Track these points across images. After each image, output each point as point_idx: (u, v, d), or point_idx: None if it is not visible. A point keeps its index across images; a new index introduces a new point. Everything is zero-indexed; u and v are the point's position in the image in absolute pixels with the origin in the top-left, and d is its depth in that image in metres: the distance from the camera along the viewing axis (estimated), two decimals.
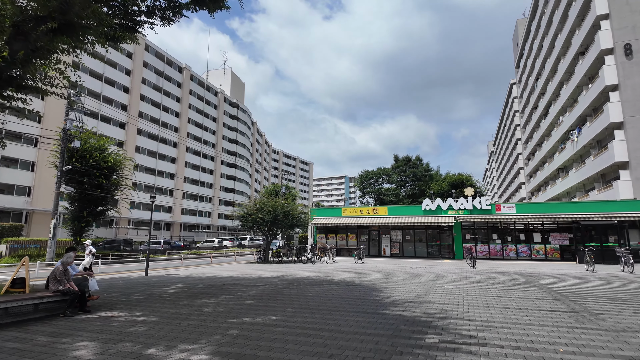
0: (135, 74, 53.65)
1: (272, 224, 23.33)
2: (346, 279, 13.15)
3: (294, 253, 25.18)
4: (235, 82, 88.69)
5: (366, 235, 29.05)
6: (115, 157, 30.18)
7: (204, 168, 68.67)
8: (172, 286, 11.67)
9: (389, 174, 60.63)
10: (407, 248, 27.81)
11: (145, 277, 14.90)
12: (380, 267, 19.00)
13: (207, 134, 70.46)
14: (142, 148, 54.91)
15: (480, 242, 26.51)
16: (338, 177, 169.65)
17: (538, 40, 46.35)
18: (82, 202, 28.82)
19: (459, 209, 26.49)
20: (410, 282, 12.40)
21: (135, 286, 11.71)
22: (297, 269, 18.29)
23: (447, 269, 17.45)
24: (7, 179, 37.11)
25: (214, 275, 15.18)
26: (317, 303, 8.38)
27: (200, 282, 12.87)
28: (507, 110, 76.97)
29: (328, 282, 12.45)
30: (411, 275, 14.72)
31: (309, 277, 14.21)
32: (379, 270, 16.68)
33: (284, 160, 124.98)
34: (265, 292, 10.07)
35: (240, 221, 24.65)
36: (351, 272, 16.20)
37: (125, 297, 9.47)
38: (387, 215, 28.11)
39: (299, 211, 24.30)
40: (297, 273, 15.88)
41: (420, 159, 61.69)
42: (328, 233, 30.01)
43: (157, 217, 57.24)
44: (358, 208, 29.43)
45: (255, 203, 24.20)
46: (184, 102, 64.02)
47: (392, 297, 9.25)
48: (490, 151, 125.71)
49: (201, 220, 67.37)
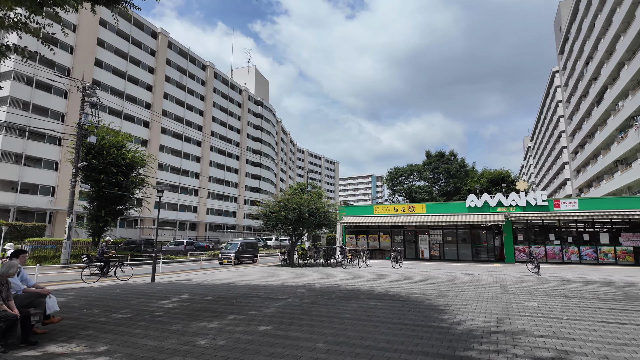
0: (158, 72, 52.87)
1: (296, 222, 20.95)
2: (389, 291, 10.52)
3: (322, 255, 22.73)
4: (260, 80, 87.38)
5: (401, 236, 26.19)
6: (134, 154, 28.80)
7: (228, 167, 67.49)
8: (175, 298, 9.44)
9: (420, 171, 57.14)
10: (448, 250, 24.76)
11: (151, 283, 12.82)
12: (423, 272, 16.20)
13: (232, 132, 69.28)
14: (166, 147, 54.10)
15: (534, 243, 23.14)
16: (364, 176, 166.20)
17: (589, 19, 41.79)
18: (100, 201, 27.54)
19: (510, 206, 23.19)
20: (473, 295, 9.64)
21: (130, 297, 9.56)
22: (326, 274, 15.80)
23: (507, 276, 14.45)
24: (31, 178, 36.68)
25: (230, 282, 12.92)
26: (359, 334, 5.83)
27: (211, 291, 10.60)
28: (548, 102, 71.55)
29: (367, 294, 9.87)
30: (468, 284, 11.90)
31: (341, 286, 11.68)
32: (424, 278, 13.91)
33: (309, 159, 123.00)
34: (287, 311, 7.62)
35: (262, 220, 22.50)
36: (391, 279, 13.53)
37: (105, 315, 7.26)
38: (425, 213, 25.16)
39: (325, 209, 21.78)
40: (326, 280, 13.38)
41: (454, 154, 57.84)
42: (358, 233, 27.36)
43: (183, 217, 56.34)
44: (392, 206, 26.62)
45: (278, 200, 21.90)
46: (208, 101, 62.98)
47: (463, 322, 6.58)
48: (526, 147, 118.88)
49: (226, 220, 66.17)
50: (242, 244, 25.54)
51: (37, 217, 37.73)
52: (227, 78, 70.01)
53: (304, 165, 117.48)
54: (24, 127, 35.54)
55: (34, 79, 36.81)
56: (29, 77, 36.57)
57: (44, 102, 37.78)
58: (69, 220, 24.18)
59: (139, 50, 50.15)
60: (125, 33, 48.13)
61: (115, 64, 46.23)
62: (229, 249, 25.38)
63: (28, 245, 24.60)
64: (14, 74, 35.61)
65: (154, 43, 53.05)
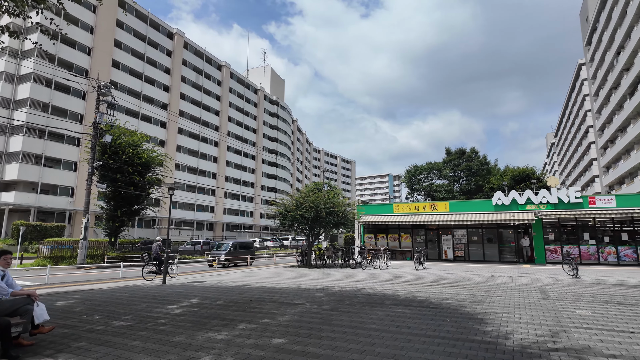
0: (174, 72, 53.00)
1: (313, 222, 20.13)
2: (416, 295, 9.58)
3: (340, 256, 21.86)
4: (275, 79, 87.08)
5: (422, 236, 25.06)
6: (150, 154, 28.59)
7: (245, 167, 67.34)
8: (184, 302, 8.75)
9: (440, 169, 55.58)
10: (473, 250, 23.51)
11: (162, 285, 12.23)
12: (449, 274, 15.14)
13: (248, 132, 69.11)
14: (183, 147, 54.20)
15: (567, 243, 21.67)
16: (381, 175, 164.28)
17: (620, 6, 39.56)
18: (117, 201, 27.40)
19: (540, 203, 21.79)
20: (513, 301, 8.60)
21: (137, 301, 8.92)
22: (345, 276, 14.93)
23: (543, 279, 13.26)
24: (50, 179, 37.06)
25: (244, 284, 12.20)
26: (390, 350, 4.95)
27: (223, 295, 9.89)
28: (574, 96, 68.67)
29: (392, 300, 8.96)
30: (502, 288, 10.83)
31: (363, 289, 10.79)
32: (452, 281, 12.87)
33: (325, 159, 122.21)
34: (305, 319, 6.79)
35: (278, 220, 21.78)
36: (416, 282, 12.55)
37: (105, 323, 6.59)
38: (448, 211, 23.97)
39: (343, 207, 20.87)
40: (346, 283, 12.50)
41: (475, 151, 56.07)
42: (377, 233, 26.35)
43: (200, 217, 56.38)
44: (413, 204, 25.51)
45: (295, 199, 21.12)
46: (224, 101, 62.93)
47: (510, 335, 5.61)
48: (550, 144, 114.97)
49: (243, 220, 66.01)
50: (234, 245, 23.34)
51: (57, 218, 38.13)
52: (243, 78, 69.88)
53: (320, 165, 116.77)
54: (44, 129, 35.92)
55: (52, 80, 37.20)
56: (48, 78, 36.97)
57: (63, 104, 38.14)
58: (85, 220, 24.01)
59: (155, 50, 50.35)
60: (142, 34, 48.36)
61: (132, 65, 46.47)
62: (220, 249, 23.10)
63: (47, 246, 24.55)
64: (34, 76, 36.04)
65: (170, 44, 53.22)
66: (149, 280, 13.77)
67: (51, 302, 8.80)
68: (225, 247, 22.97)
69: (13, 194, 34.51)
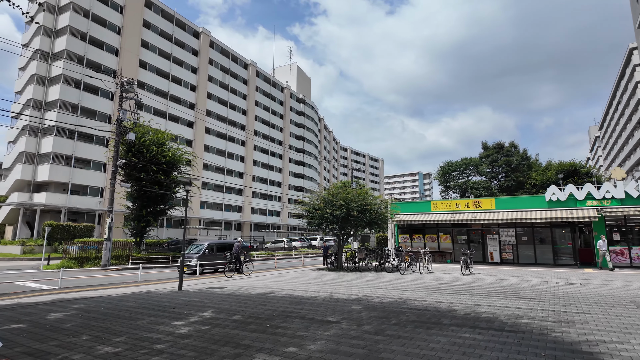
0: (201, 72, 52.73)
1: (344, 221, 18.36)
2: (478, 311, 7.70)
3: (373, 258, 20.05)
4: (301, 77, 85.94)
5: (464, 236, 22.81)
6: (175, 152, 27.85)
7: (272, 166, 66.51)
8: (194, 317, 7.30)
9: (476, 165, 52.39)
10: (523, 252, 21.06)
11: (177, 292, 10.91)
12: (505, 281, 13.03)
13: (275, 131, 68.25)
14: (210, 147, 53.88)
15: (633, 244, 18.88)
16: (410, 173, 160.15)
17: None
18: (142, 200, 26.77)
19: (604, 199, 19.09)
20: (610, 321, 6.57)
21: (141, 314, 7.57)
22: (382, 282, 13.14)
23: (625, 288, 10.94)
24: (80, 180, 37.28)
25: (268, 292, 10.70)
26: None
27: (242, 306, 8.39)
28: (623, 84, 63.24)
29: (450, 317, 7.13)
30: (583, 301, 8.72)
31: (408, 301, 9.00)
32: (513, 290, 10.82)
33: (352, 157, 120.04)
34: (343, 349, 5.12)
35: (306, 219, 20.15)
36: (469, 291, 10.61)
37: (88, 348, 5.19)
38: (494, 209, 21.63)
39: (378, 204, 19.00)
40: (385, 292, 10.74)
41: (515, 145, 52.50)
42: (413, 233, 24.31)
43: (228, 217, 55.94)
44: (453, 201, 23.28)
45: (323, 195, 19.47)
46: (251, 100, 62.30)
47: None
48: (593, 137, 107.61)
49: (271, 220, 65.17)
50: (210, 246, 18.93)
51: (87, 218, 38.36)
52: (269, 76, 69.09)
53: (347, 164, 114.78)
54: (73, 129, 36.14)
55: (81, 81, 37.42)
56: (77, 80, 37.21)
57: (92, 105, 38.32)
58: (109, 220, 23.39)
59: (182, 50, 50.19)
60: (168, 34, 48.28)
61: (159, 65, 46.41)
62: (192, 251, 18.96)
63: (76, 246, 24.15)
64: (63, 78, 36.33)
65: (196, 43, 52.99)
66: (229, 277, 15.24)
67: (46, 314, 7.60)
68: (199, 249, 18.73)
69: (45, 194, 34.86)
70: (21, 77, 39.97)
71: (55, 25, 38.12)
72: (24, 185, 36.24)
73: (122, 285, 13.07)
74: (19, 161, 36.23)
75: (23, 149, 35.55)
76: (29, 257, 28.07)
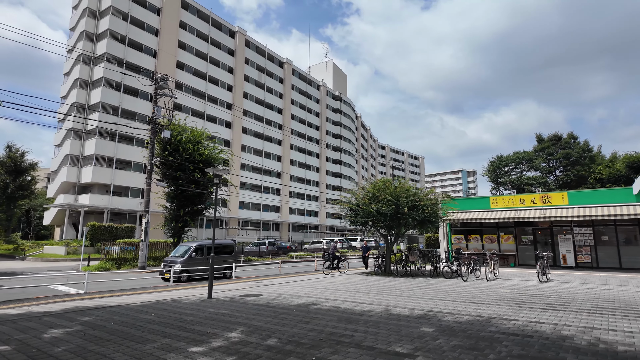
0: (237, 71, 52.38)
1: (392, 219, 16.19)
2: (608, 342, 5.48)
3: (426, 261, 17.81)
4: (337, 74, 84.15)
5: (530, 236, 19.96)
6: (211, 150, 27.06)
7: (309, 165, 65.21)
8: (217, 339, 5.68)
9: (530, 159, 48.10)
10: (604, 254, 17.97)
11: (205, 301, 9.43)
12: (599, 291, 10.46)
13: (311, 129, 66.94)
14: (248, 147, 53.40)
15: None
16: (453, 171, 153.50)
17: None
18: (179, 200, 26.10)
19: None
20: None
21: (155, 333, 6.06)
22: (446, 291, 11.01)
23: None
24: (121, 181, 37.69)
25: (309, 303, 8.96)
26: None
27: (279, 324, 6.70)
28: None
29: (571, 350, 4.99)
30: None
31: (492, 320, 6.90)
32: (626, 303, 8.35)
33: (391, 155, 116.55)
34: None
35: (348, 217, 18.07)
36: (565, 305, 8.29)
37: None
38: (566, 204, 18.66)
39: (432, 200, 16.73)
40: (456, 305, 8.65)
41: (574, 137, 47.69)
42: (469, 233, 21.74)
43: (266, 217, 55.22)
44: (517, 196, 20.47)
45: (368, 190, 17.48)
46: (287, 98, 61.38)
47: None
48: None
49: (309, 220, 63.85)
50: (198, 249, 15.97)
51: (129, 219, 38.73)
52: (305, 74, 67.92)
53: (385, 162, 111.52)
54: (114, 132, 36.57)
55: (122, 84, 37.85)
56: (117, 82, 37.68)
57: (131, 106, 38.69)
58: (145, 220, 22.80)
59: (218, 50, 50.03)
60: (204, 34, 48.23)
61: (196, 66, 46.40)
62: (176, 255, 16.26)
63: (116, 247, 23.85)
64: (104, 80, 36.87)
65: (232, 42, 52.72)
66: (327, 275, 16.17)
67: (45, 330, 6.30)
68: (184, 252, 15.95)
69: (88, 196, 35.45)
70: (66, 81, 41.21)
71: (96, 29, 38.87)
72: (69, 187, 37.13)
73: (149, 290, 11.88)
74: (64, 164, 37.17)
75: (68, 152, 36.40)
76: (72, 258, 28.30)
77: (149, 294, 10.93)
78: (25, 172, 40.99)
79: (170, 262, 15.32)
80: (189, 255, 15.57)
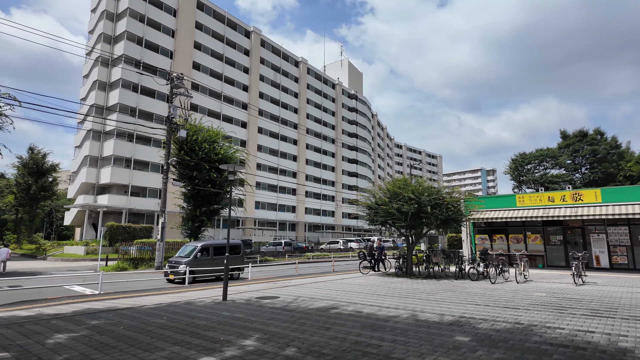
0: (253, 71, 52.30)
1: (413, 218, 15.48)
2: None
3: (449, 262, 17.03)
4: (353, 73, 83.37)
5: (559, 236, 18.91)
6: (227, 150, 26.89)
7: (324, 165, 64.68)
8: (231, 347, 5.19)
9: (555, 156, 46.35)
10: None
11: (221, 302, 9.01)
12: None
13: (327, 129, 66.41)
14: (263, 147, 53.26)
15: None
16: (472, 170, 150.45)
17: None
18: (196, 200, 26.02)
19: None
20: None
21: (164, 339, 5.62)
22: (475, 294, 10.30)
23: None
24: (139, 181, 37.95)
25: (329, 306, 8.42)
26: None
27: (298, 330, 6.18)
28: None
29: None
30: None
31: (533, 327, 6.21)
32: None
33: (408, 154, 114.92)
34: None
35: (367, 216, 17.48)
36: (611, 311, 7.50)
37: None
38: (599, 202, 17.58)
39: (456, 197, 15.95)
40: (490, 310, 7.96)
41: (601, 133, 45.72)
42: (493, 233, 20.80)
43: (282, 217, 54.97)
44: (545, 194, 19.41)
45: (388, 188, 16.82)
46: (302, 98, 61.02)
47: None
48: None
49: (325, 220, 63.31)
50: (204, 248, 15.41)
51: (147, 219, 38.99)
52: (320, 73, 67.45)
53: (402, 161, 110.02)
54: (132, 133, 36.86)
55: (139, 85, 38.14)
56: (134, 83, 37.98)
57: (148, 107, 38.95)
58: (162, 220, 22.70)
59: (234, 50, 50.03)
60: (220, 34, 48.30)
61: (212, 66, 46.48)
62: (181, 255, 15.64)
63: (134, 247, 23.87)
64: (122, 82, 37.20)
65: (248, 42, 52.67)
66: (365, 274, 16.50)
67: (50, 335, 5.94)
68: (190, 252, 15.38)
69: (107, 196, 35.80)
70: (85, 84, 41.83)
71: (114, 31, 39.30)
72: (88, 187, 37.61)
73: (163, 291, 11.55)
74: (84, 165, 37.67)
75: (87, 153, 36.87)
76: (92, 258, 28.53)
77: (162, 295, 10.59)
78: (47, 174, 41.80)
79: (175, 262, 14.94)
80: (195, 255, 15.02)
